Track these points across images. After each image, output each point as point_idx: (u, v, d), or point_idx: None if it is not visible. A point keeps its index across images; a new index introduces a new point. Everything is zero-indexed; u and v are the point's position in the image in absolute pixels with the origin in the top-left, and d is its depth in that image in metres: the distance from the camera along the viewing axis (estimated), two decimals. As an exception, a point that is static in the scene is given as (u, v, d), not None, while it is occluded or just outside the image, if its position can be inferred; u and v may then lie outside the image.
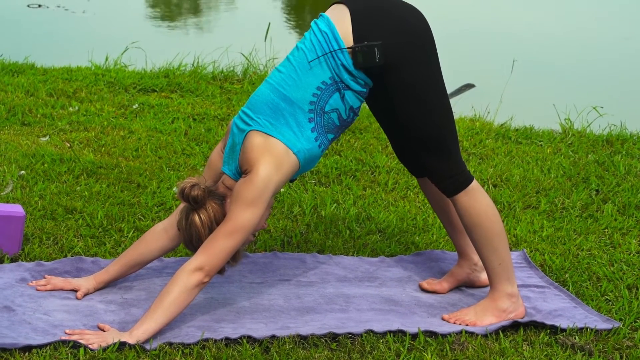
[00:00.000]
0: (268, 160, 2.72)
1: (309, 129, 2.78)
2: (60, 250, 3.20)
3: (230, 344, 2.68)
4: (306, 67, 2.77)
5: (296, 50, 2.82)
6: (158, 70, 5.78)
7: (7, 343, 2.53)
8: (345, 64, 2.76)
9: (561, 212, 3.91)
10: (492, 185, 4.17)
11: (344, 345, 2.73)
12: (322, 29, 2.79)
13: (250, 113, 2.80)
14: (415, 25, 2.82)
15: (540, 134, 4.94)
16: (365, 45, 2.75)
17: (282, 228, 3.56)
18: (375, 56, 2.75)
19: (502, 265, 2.91)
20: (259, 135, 2.76)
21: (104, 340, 2.60)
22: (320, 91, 2.77)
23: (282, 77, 2.80)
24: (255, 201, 2.69)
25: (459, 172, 2.90)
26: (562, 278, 3.32)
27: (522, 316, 2.94)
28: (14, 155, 4.03)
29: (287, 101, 2.77)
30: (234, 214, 2.70)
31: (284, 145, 2.75)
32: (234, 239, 2.69)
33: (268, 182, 2.71)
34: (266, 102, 2.78)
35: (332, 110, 2.80)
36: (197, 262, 2.67)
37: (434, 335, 2.82)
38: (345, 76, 2.78)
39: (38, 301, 2.83)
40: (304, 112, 2.77)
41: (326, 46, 2.77)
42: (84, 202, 3.59)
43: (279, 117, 2.77)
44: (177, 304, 2.65)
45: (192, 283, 2.66)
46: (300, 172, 2.84)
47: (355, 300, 3.03)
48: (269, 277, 3.16)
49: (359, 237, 3.54)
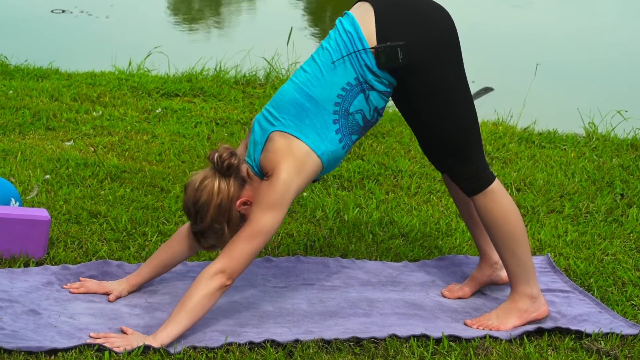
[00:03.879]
0: (290, 163, 2.71)
1: (333, 130, 2.77)
2: (85, 254, 3.22)
3: (254, 348, 2.68)
4: (331, 67, 2.76)
5: (321, 50, 2.81)
6: (181, 74, 5.80)
7: (33, 346, 2.55)
8: (369, 65, 2.75)
9: (585, 217, 3.89)
10: (516, 190, 4.15)
11: (367, 349, 2.73)
12: (347, 28, 2.77)
13: (274, 112, 2.78)
14: (440, 24, 2.80)
15: (564, 138, 4.92)
16: (388, 45, 2.73)
17: (305, 232, 3.56)
18: (399, 57, 2.73)
19: (521, 267, 2.89)
20: (282, 137, 2.74)
21: (128, 344, 2.61)
22: (345, 92, 2.76)
23: (307, 76, 2.78)
24: (277, 205, 2.69)
25: (479, 173, 2.88)
26: (586, 283, 3.30)
27: (545, 315, 2.92)
28: (39, 159, 4.06)
29: (312, 101, 2.76)
30: (256, 218, 2.69)
31: (307, 147, 2.74)
32: (255, 242, 2.69)
33: (289, 186, 2.71)
34: (291, 102, 2.77)
35: (357, 111, 2.79)
36: (218, 265, 2.68)
37: (457, 340, 2.81)
38: (370, 77, 2.76)
39: (63, 304, 2.85)
40: (329, 112, 2.76)
41: (350, 46, 2.75)
42: (108, 206, 3.61)
43: (303, 117, 2.75)
44: (199, 307, 2.66)
45: (214, 286, 2.67)
46: (323, 173, 2.83)
47: (379, 304, 3.03)
48: (292, 281, 3.16)
49: (382, 242, 3.54)
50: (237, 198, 2.74)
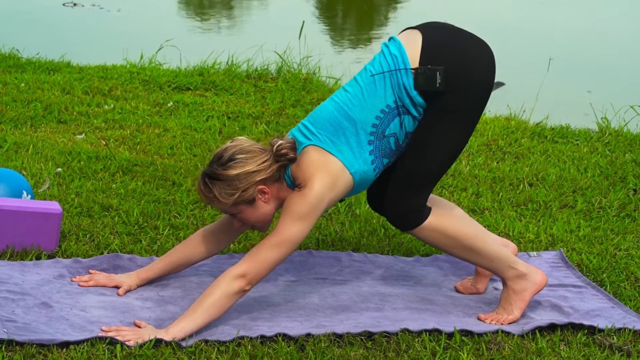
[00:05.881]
0: (324, 177, 2.73)
1: (367, 151, 2.79)
2: (97, 247, 3.22)
3: (266, 342, 2.68)
4: (372, 88, 2.77)
5: (364, 71, 2.83)
6: (192, 68, 5.80)
7: (45, 339, 2.55)
8: (407, 85, 2.76)
9: (598, 212, 3.87)
10: (528, 184, 4.14)
11: (379, 343, 2.72)
12: (393, 52, 2.80)
13: (312, 127, 2.81)
14: (484, 66, 2.80)
15: (576, 133, 4.90)
16: (429, 68, 2.74)
17: (316, 226, 3.56)
18: (437, 80, 2.74)
19: (494, 260, 2.90)
20: (317, 151, 2.77)
21: (140, 337, 2.61)
22: (383, 114, 2.78)
23: (348, 96, 2.81)
24: (306, 216, 2.70)
25: (419, 209, 2.85)
26: (599, 278, 3.28)
27: (545, 282, 2.91)
28: (51, 152, 4.07)
29: (351, 121, 2.78)
30: (283, 226, 2.70)
31: (341, 164, 2.76)
32: (280, 251, 2.70)
33: (322, 199, 2.72)
34: (329, 119, 2.79)
35: (391, 134, 2.80)
36: (241, 269, 2.68)
37: (470, 334, 2.80)
38: (407, 100, 2.77)
39: (75, 297, 2.85)
40: (366, 133, 2.78)
41: (394, 67, 2.77)
42: (119, 200, 3.62)
43: (340, 135, 2.77)
44: (216, 307, 2.66)
45: (234, 289, 2.68)
46: (352, 193, 2.84)
47: (391, 299, 3.02)
48: (304, 275, 3.16)
49: (394, 236, 3.53)
50: (263, 184, 2.75)
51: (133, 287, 2.95)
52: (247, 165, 2.73)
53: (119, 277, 2.96)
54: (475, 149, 4.55)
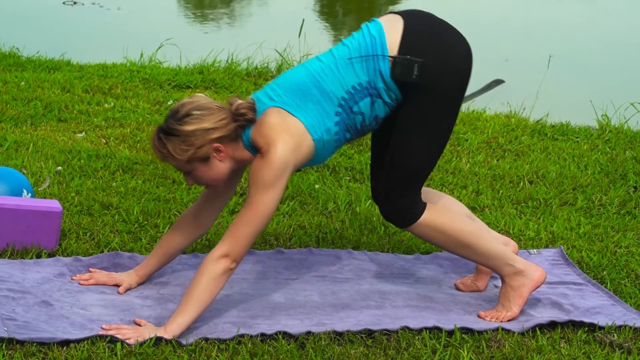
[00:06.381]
0: (286, 139, 2.67)
1: (333, 122, 2.75)
2: (97, 245, 3.22)
3: (266, 340, 2.68)
4: (347, 63, 2.75)
5: (341, 45, 2.80)
6: (192, 66, 5.80)
7: (45, 337, 2.55)
8: (383, 72, 2.74)
9: (598, 209, 3.87)
10: (529, 182, 4.13)
11: (379, 341, 2.72)
12: (372, 32, 2.77)
13: (278, 89, 2.75)
14: (459, 61, 2.79)
15: (576, 131, 4.89)
16: (407, 58, 2.72)
17: (317, 224, 3.56)
18: (413, 72, 2.72)
19: (491, 258, 2.90)
20: (280, 113, 2.71)
21: (140, 335, 2.61)
22: (354, 91, 2.75)
23: (321, 66, 2.77)
24: (274, 183, 2.65)
25: (412, 205, 2.84)
26: (600, 275, 3.28)
27: (544, 278, 2.91)
28: (51, 151, 4.07)
29: (320, 89, 2.74)
30: (255, 199, 2.65)
31: (304, 128, 2.70)
32: (256, 223, 2.66)
33: (286, 164, 2.66)
34: (298, 84, 2.74)
35: (360, 112, 2.77)
36: (222, 249, 2.65)
37: (470, 332, 2.80)
38: (380, 84, 2.75)
39: (75, 296, 2.85)
40: (334, 105, 2.75)
41: (371, 50, 2.75)
42: (120, 198, 3.62)
43: (307, 101, 2.73)
44: (206, 293, 2.64)
45: (220, 270, 2.65)
46: (310, 163, 2.79)
47: (391, 296, 3.02)
48: (304, 273, 3.16)
49: (394, 234, 3.53)
50: (219, 142, 2.70)
51: (133, 285, 2.95)
52: (204, 122, 2.67)
53: (119, 275, 2.96)
54: (475, 147, 4.55)
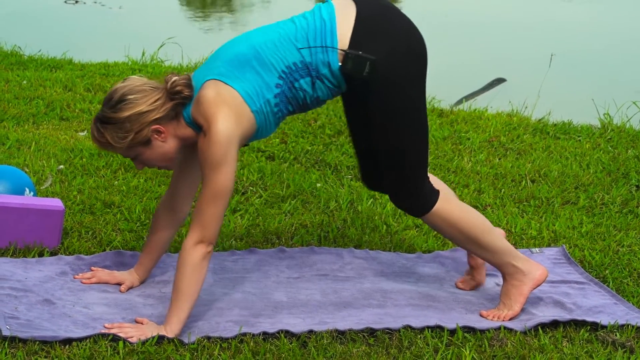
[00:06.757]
0: (225, 113, 2.60)
1: (272, 94, 2.67)
2: (99, 244, 3.23)
3: (268, 339, 2.68)
4: (291, 43, 2.67)
5: (290, 22, 2.72)
6: (194, 65, 5.80)
7: (48, 336, 2.55)
8: (331, 63, 2.67)
9: (601, 208, 3.87)
10: (531, 181, 4.13)
11: (381, 340, 2.72)
12: (324, 16, 2.69)
13: (217, 61, 2.68)
14: (415, 46, 2.73)
15: (578, 129, 4.89)
16: (360, 55, 2.66)
17: (318, 223, 3.56)
18: (364, 69, 2.66)
19: (496, 254, 2.90)
20: (216, 86, 2.63)
21: (143, 334, 2.61)
22: (295, 67, 2.67)
23: (264, 39, 2.68)
24: (224, 160, 2.59)
25: (419, 194, 2.83)
26: (602, 274, 3.28)
27: (545, 276, 2.91)
28: (53, 149, 4.07)
29: (260, 61, 2.66)
30: (209, 180, 2.61)
31: (241, 99, 2.64)
32: (219, 202, 2.62)
33: (231, 138, 2.60)
34: (238, 55, 2.67)
35: (301, 89, 2.70)
36: (194, 237, 2.63)
37: (472, 331, 2.80)
38: (325, 71, 2.69)
39: (78, 294, 2.85)
40: (274, 77, 2.67)
41: (319, 38, 2.67)
42: (122, 197, 3.62)
43: (245, 72, 2.65)
44: (193, 284, 2.63)
45: (199, 258, 2.63)
46: (255, 137, 2.73)
47: (393, 295, 3.02)
48: (306, 272, 3.16)
49: (396, 233, 3.53)
50: (158, 123, 2.66)
51: (135, 284, 2.95)
52: (138, 106, 2.63)
53: (121, 274, 2.96)
54: (477, 146, 4.55)
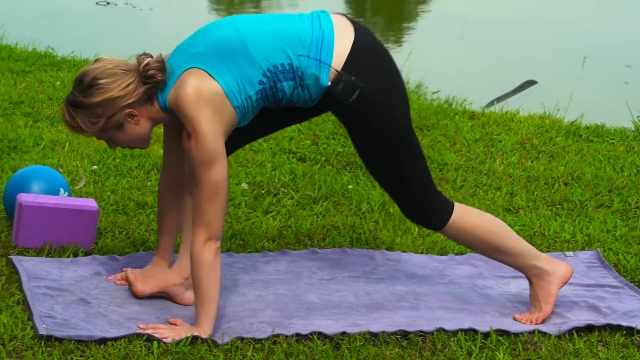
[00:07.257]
0: (207, 113, 2.56)
1: (254, 90, 2.64)
2: (133, 244, 3.24)
3: (301, 340, 2.68)
4: (282, 44, 2.63)
5: (283, 20, 2.69)
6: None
7: (83, 335, 2.57)
8: (320, 78, 2.65)
9: (635, 211, 3.84)
10: (563, 184, 4.10)
11: (414, 342, 2.71)
12: (323, 27, 2.67)
13: (202, 44, 2.63)
14: (401, 82, 2.76)
15: (612, 132, 4.85)
16: (353, 80, 2.65)
17: (350, 225, 3.55)
18: (352, 95, 2.66)
19: (519, 257, 2.88)
20: (199, 77, 2.57)
21: (177, 335, 2.62)
22: (282, 68, 2.64)
23: (253, 29, 2.64)
24: (214, 157, 2.58)
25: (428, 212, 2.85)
26: (637, 278, 3.25)
27: (570, 273, 2.89)
28: (86, 150, 4.10)
29: (247, 55, 2.62)
30: (203, 179, 2.59)
31: (223, 94, 2.59)
32: (217, 198, 2.61)
33: (216, 136, 2.57)
34: (226, 43, 2.62)
35: (281, 90, 2.67)
36: (201, 238, 2.62)
37: (506, 334, 2.79)
38: (310, 82, 2.66)
39: (112, 294, 2.87)
40: (259, 73, 2.63)
41: (314, 48, 2.64)
42: (154, 197, 3.63)
43: (230, 62, 2.60)
44: (211, 282, 2.63)
45: (211, 256, 2.62)
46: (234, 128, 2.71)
47: (426, 298, 3.01)
48: (338, 273, 3.16)
49: (428, 235, 3.52)
50: (131, 107, 2.62)
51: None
52: (109, 91, 2.58)
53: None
54: (509, 148, 4.52)
